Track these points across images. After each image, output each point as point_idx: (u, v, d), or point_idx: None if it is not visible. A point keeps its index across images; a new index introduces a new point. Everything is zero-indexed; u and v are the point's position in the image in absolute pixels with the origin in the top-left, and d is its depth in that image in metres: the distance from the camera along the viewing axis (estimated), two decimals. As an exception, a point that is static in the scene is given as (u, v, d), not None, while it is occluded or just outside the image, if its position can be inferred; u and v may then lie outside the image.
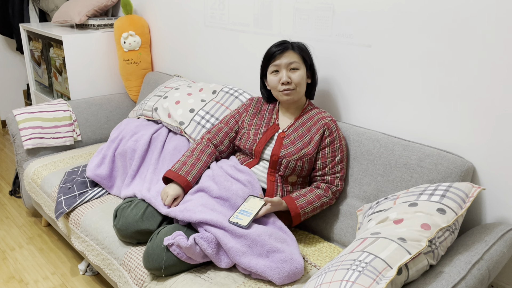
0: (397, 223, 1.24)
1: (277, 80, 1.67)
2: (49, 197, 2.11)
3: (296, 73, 1.66)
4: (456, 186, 1.33)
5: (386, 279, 1.05)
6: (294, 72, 1.66)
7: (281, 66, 1.65)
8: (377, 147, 1.65)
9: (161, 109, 2.21)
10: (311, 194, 1.65)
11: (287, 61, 1.65)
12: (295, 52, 1.67)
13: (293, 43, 1.69)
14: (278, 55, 1.66)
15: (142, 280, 1.53)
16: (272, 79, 1.69)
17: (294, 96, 1.69)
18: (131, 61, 2.80)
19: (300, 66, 1.67)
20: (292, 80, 1.66)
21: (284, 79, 1.65)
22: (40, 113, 2.44)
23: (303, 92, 1.71)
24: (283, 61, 1.65)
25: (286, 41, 1.71)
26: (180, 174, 1.69)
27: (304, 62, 1.69)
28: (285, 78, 1.65)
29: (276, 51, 1.66)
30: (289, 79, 1.65)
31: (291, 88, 1.67)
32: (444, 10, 1.48)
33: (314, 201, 1.63)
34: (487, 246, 1.28)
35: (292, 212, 1.59)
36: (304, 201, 1.62)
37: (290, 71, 1.66)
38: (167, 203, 1.64)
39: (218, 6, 2.32)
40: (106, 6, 2.99)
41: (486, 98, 1.44)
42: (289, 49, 1.67)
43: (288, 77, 1.65)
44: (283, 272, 1.41)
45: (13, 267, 2.23)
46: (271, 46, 1.70)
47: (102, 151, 2.09)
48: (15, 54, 4.16)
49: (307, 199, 1.63)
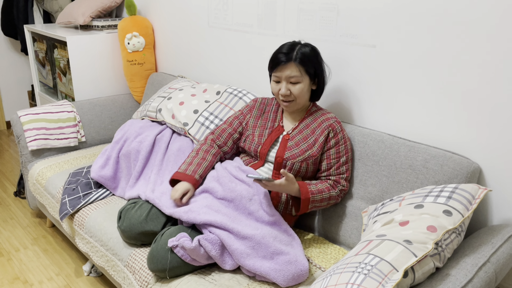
0: (403, 225, 1.23)
1: (277, 89, 1.67)
2: (54, 198, 2.11)
3: (296, 86, 1.64)
4: (462, 188, 1.32)
5: (392, 282, 1.04)
6: (295, 85, 1.64)
7: (282, 78, 1.64)
8: (382, 148, 1.64)
9: (165, 110, 2.21)
10: (321, 184, 1.64)
11: (287, 74, 1.62)
12: (297, 65, 1.61)
13: (299, 52, 1.62)
14: (280, 66, 1.63)
15: (146, 281, 1.53)
16: (274, 87, 1.69)
17: (293, 107, 1.69)
18: (135, 62, 2.81)
19: (302, 79, 1.63)
20: (292, 92, 1.64)
21: (282, 91, 1.64)
22: (45, 114, 2.44)
23: (303, 102, 1.69)
24: (283, 74, 1.63)
25: (293, 46, 1.64)
26: (187, 173, 1.69)
27: (307, 72, 1.64)
28: (283, 90, 1.64)
29: (279, 62, 1.62)
30: (289, 91, 1.64)
31: (290, 99, 1.66)
32: (449, 10, 1.47)
33: (323, 191, 1.62)
34: (494, 248, 1.27)
35: (303, 195, 1.57)
36: (315, 188, 1.61)
37: (290, 84, 1.65)
38: (176, 197, 1.62)
39: (222, 6, 2.32)
40: (110, 7, 3.00)
41: (492, 98, 1.43)
42: (291, 61, 1.61)
43: (287, 89, 1.64)
44: (287, 274, 1.40)
45: (17, 268, 2.23)
46: (277, 51, 1.65)
47: (106, 152, 2.09)
48: (20, 55, 4.18)
49: (318, 188, 1.62)
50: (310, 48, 1.65)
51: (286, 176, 1.50)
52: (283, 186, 1.53)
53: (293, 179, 1.54)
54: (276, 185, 1.52)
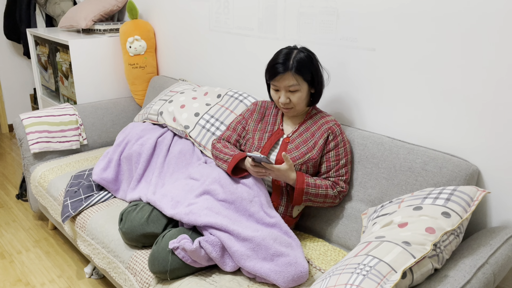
0: (402, 226, 1.24)
1: (277, 97, 1.70)
2: (56, 200, 2.13)
3: (295, 95, 1.66)
4: (461, 190, 1.33)
5: (391, 283, 1.05)
6: (293, 94, 1.66)
7: (281, 88, 1.66)
8: (382, 151, 1.65)
9: (166, 113, 2.23)
10: (320, 180, 1.66)
11: (286, 84, 1.64)
12: (294, 75, 1.62)
13: (294, 62, 1.62)
14: (278, 76, 1.64)
15: (147, 283, 1.54)
16: (273, 95, 1.72)
17: (293, 113, 1.72)
18: (137, 65, 2.82)
19: (300, 87, 1.65)
20: (291, 100, 1.67)
21: (282, 100, 1.67)
22: (47, 117, 2.46)
23: (303, 107, 1.71)
24: (282, 84, 1.65)
25: (288, 55, 1.64)
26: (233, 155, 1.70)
27: (304, 79, 1.65)
28: (283, 99, 1.66)
29: (276, 73, 1.63)
30: (288, 99, 1.67)
31: (290, 107, 1.69)
32: (449, 13, 1.48)
33: (321, 187, 1.64)
34: (492, 249, 1.27)
35: (297, 184, 1.60)
36: (312, 181, 1.63)
37: (289, 92, 1.66)
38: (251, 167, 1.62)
39: (223, 10, 2.34)
40: (112, 11, 3.02)
41: (491, 101, 1.44)
42: (288, 71, 1.62)
43: (286, 98, 1.66)
44: (287, 275, 1.41)
45: (19, 270, 2.24)
46: (274, 61, 1.65)
47: (108, 155, 2.11)
48: (22, 58, 4.20)
49: (315, 182, 1.64)
50: (305, 54, 1.65)
51: (286, 161, 1.54)
52: (282, 171, 1.57)
53: (292, 166, 1.58)
54: (275, 168, 1.55)
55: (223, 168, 1.73)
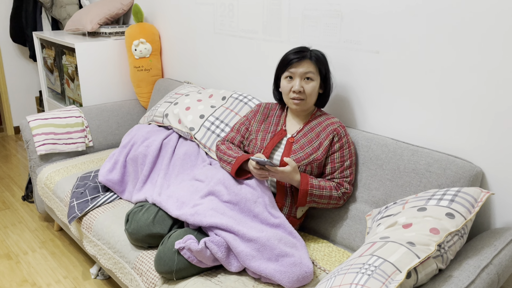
0: (406, 227, 1.25)
1: (289, 87, 1.69)
2: (62, 202, 2.14)
3: (310, 84, 1.67)
4: (465, 191, 1.34)
5: (395, 282, 1.06)
6: (308, 82, 1.67)
7: (296, 74, 1.67)
8: (386, 152, 1.66)
9: (172, 115, 2.24)
10: (324, 182, 1.67)
11: (303, 71, 1.66)
12: (312, 62, 1.67)
13: (312, 52, 1.69)
14: (295, 62, 1.66)
15: (153, 283, 1.55)
16: (285, 85, 1.71)
17: (303, 106, 1.72)
18: (142, 68, 2.85)
19: (315, 77, 1.68)
20: (305, 90, 1.67)
21: (296, 87, 1.67)
22: (53, 120, 2.48)
23: (312, 103, 1.73)
24: (299, 70, 1.66)
25: (305, 48, 1.70)
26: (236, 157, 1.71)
27: (320, 72, 1.70)
28: (297, 87, 1.66)
29: (294, 58, 1.67)
30: (302, 88, 1.67)
31: (302, 97, 1.69)
32: (452, 15, 1.49)
33: (325, 188, 1.65)
34: (496, 250, 1.28)
35: (302, 186, 1.61)
36: (317, 183, 1.64)
37: (304, 80, 1.67)
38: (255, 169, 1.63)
39: (228, 13, 2.35)
40: (117, 15, 3.05)
41: (495, 103, 1.45)
42: (307, 58, 1.67)
43: (301, 86, 1.67)
44: (292, 276, 1.42)
45: (26, 270, 2.26)
46: (290, 51, 1.70)
47: (113, 157, 2.13)
48: (28, 61, 4.24)
49: (320, 184, 1.65)
50: (320, 53, 1.72)
51: (290, 164, 1.56)
52: (286, 174, 1.58)
53: (296, 168, 1.59)
54: (279, 171, 1.56)
55: (226, 170, 1.74)
